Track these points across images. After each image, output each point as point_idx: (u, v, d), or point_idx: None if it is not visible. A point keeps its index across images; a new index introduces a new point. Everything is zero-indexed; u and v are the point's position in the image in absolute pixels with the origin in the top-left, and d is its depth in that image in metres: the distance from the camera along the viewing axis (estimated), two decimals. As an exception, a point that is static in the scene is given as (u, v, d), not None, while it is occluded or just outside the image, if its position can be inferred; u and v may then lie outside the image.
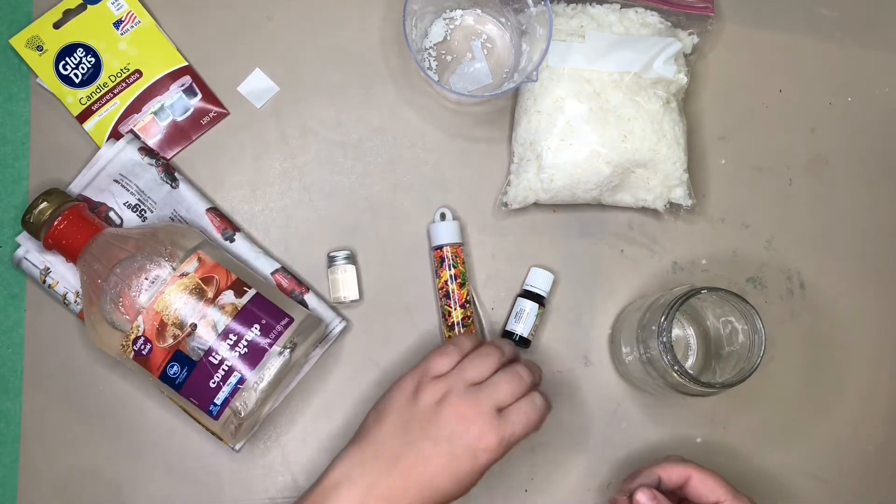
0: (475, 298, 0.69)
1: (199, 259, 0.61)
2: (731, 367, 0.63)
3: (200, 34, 0.73)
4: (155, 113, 0.71)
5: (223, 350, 0.59)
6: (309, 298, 0.68)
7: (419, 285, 0.70)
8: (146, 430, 0.68)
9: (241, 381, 0.59)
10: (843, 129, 0.75)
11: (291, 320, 0.62)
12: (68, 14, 0.71)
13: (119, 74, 0.71)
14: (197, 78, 0.72)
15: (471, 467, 0.54)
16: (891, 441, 0.71)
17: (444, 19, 0.73)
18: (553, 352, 0.70)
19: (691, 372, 0.60)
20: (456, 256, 0.69)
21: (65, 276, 0.67)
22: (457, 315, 0.68)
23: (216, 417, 0.60)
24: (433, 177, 0.72)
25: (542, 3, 0.66)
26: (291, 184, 0.71)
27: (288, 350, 0.60)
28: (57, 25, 0.71)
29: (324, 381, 0.69)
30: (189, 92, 0.71)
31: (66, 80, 0.70)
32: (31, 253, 0.67)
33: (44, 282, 0.67)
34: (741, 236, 0.72)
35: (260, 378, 0.59)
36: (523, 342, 0.69)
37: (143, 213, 0.69)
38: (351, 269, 0.69)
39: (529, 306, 0.68)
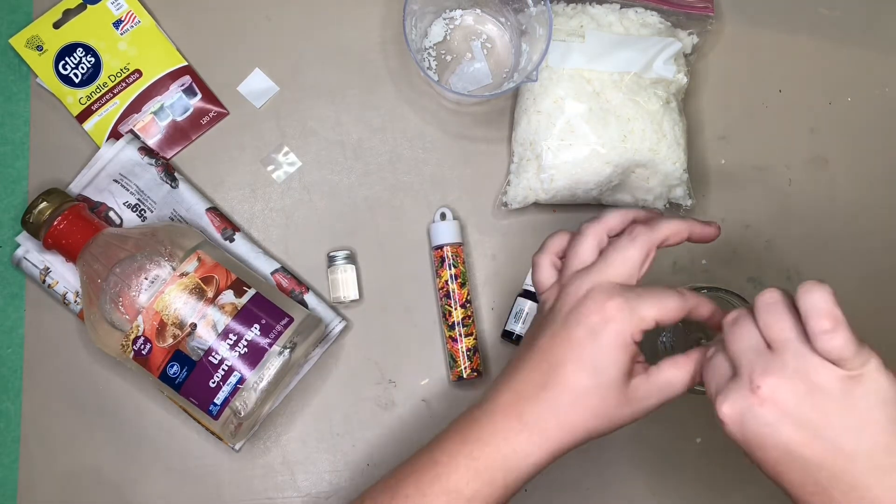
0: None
1: (199, 259, 0.61)
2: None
3: (200, 34, 0.73)
4: (155, 113, 0.71)
5: (223, 350, 0.59)
6: (309, 298, 0.68)
7: (419, 285, 0.70)
8: (146, 430, 0.68)
9: (241, 380, 0.59)
10: (843, 129, 0.75)
11: (291, 320, 0.62)
12: (68, 14, 0.71)
13: (119, 74, 0.71)
14: (197, 78, 0.72)
15: (594, 346, 0.48)
16: (891, 441, 0.71)
17: (444, 19, 0.73)
18: (553, 352, 0.70)
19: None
20: (456, 256, 0.69)
21: (64, 276, 0.67)
22: (457, 315, 0.68)
23: (216, 417, 0.60)
24: (433, 177, 0.72)
25: (542, 2, 0.66)
26: (291, 184, 0.71)
27: (288, 350, 0.60)
28: (57, 25, 0.71)
29: (324, 381, 0.69)
30: (189, 92, 0.71)
31: (66, 79, 0.70)
32: (30, 253, 0.67)
33: (43, 282, 0.67)
34: (741, 236, 0.72)
35: (260, 378, 0.59)
36: (523, 342, 0.69)
37: (142, 212, 0.69)
38: (351, 269, 0.69)
39: (529, 306, 0.68)
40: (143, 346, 0.60)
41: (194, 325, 0.59)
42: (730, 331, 0.46)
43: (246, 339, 0.60)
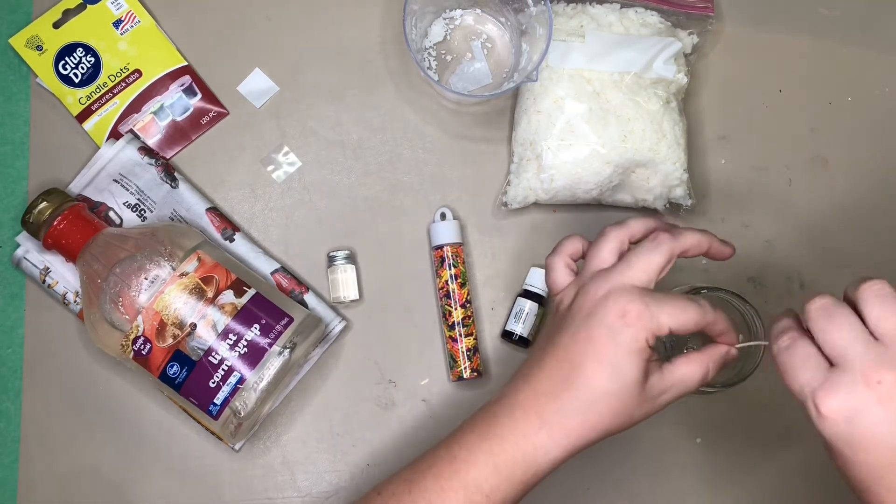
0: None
1: (199, 259, 0.61)
2: (731, 367, 0.63)
3: (200, 34, 0.73)
4: (154, 113, 0.71)
5: (223, 350, 0.59)
6: (309, 298, 0.68)
7: (419, 285, 0.70)
8: (146, 430, 0.68)
9: (241, 380, 0.59)
10: (843, 129, 0.75)
11: (291, 320, 0.62)
12: (68, 14, 0.71)
13: (119, 74, 0.71)
14: (196, 78, 0.72)
15: (613, 347, 0.48)
16: (891, 441, 0.71)
17: (444, 19, 0.73)
18: (553, 352, 0.70)
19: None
20: (456, 256, 0.69)
21: (64, 276, 0.67)
22: (457, 315, 0.68)
23: (216, 417, 0.60)
24: (433, 177, 0.72)
25: (542, 2, 0.66)
26: (291, 184, 0.71)
27: (288, 350, 0.60)
28: (56, 25, 0.71)
29: (324, 381, 0.69)
30: (189, 92, 0.71)
31: (66, 79, 0.70)
32: (30, 253, 0.67)
33: (43, 282, 0.67)
34: (741, 236, 0.72)
35: (260, 378, 0.59)
36: (523, 342, 0.69)
37: (142, 212, 0.69)
38: (351, 269, 0.69)
39: (529, 306, 0.68)
40: (142, 346, 0.60)
41: (194, 325, 0.59)
42: (823, 319, 0.44)
43: (246, 339, 0.60)
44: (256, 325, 0.60)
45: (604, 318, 0.49)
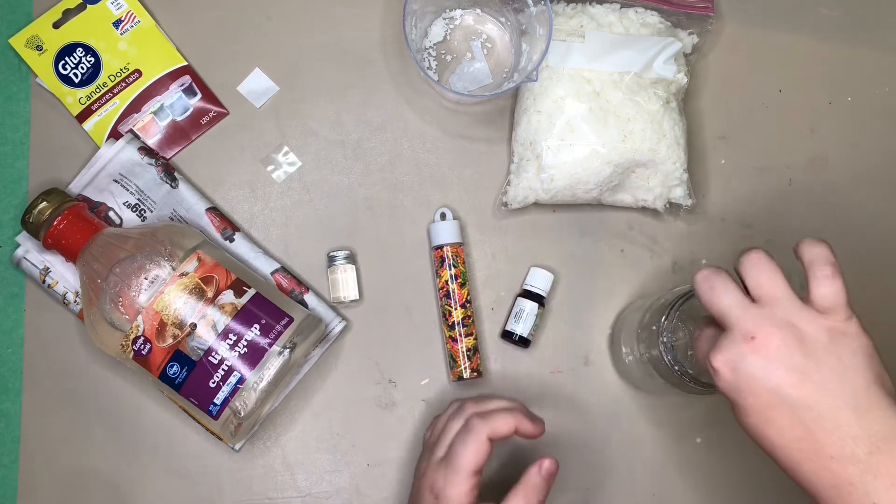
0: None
1: (199, 259, 0.61)
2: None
3: (200, 34, 0.73)
4: (154, 113, 0.71)
5: (223, 350, 0.59)
6: (309, 298, 0.68)
7: (419, 285, 0.70)
8: (146, 430, 0.68)
9: (241, 380, 0.59)
10: (843, 129, 0.75)
11: (291, 320, 0.62)
12: (68, 14, 0.71)
13: (119, 74, 0.71)
14: (196, 78, 0.72)
15: None
16: (891, 441, 0.71)
17: (444, 19, 0.73)
18: (553, 352, 0.70)
19: (691, 372, 0.60)
20: (456, 256, 0.69)
21: (64, 276, 0.67)
22: (457, 315, 0.68)
23: (216, 417, 0.60)
24: (433, 177, 0.72)
25: (542, 2, 0.66)
26: (291, 184, 0.71)
27: (288, 350, 0.60)
28: (56, 25, 0.71)
29: (324, 381, 0.69)
30: (189, 92, 0.71)
31: (66, 79, 0.70)
32: (30, 253, 0.67)
33: (43, 282, 0.67)
34: (741, 236, 0.72)
35: (260, 378, 0.59)
36: (523, 342, 0.69)
37: (142, 212, 0.69)
38: (351, 268, 0.69)
39: (529, 306, 0.68)
40: (142, 346, 0.60)
41: (194, 325, 0.59)
42: (706, 290, 0.50)
43: (246, 339, 0.60)
44: (256, 325, 0.60)
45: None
